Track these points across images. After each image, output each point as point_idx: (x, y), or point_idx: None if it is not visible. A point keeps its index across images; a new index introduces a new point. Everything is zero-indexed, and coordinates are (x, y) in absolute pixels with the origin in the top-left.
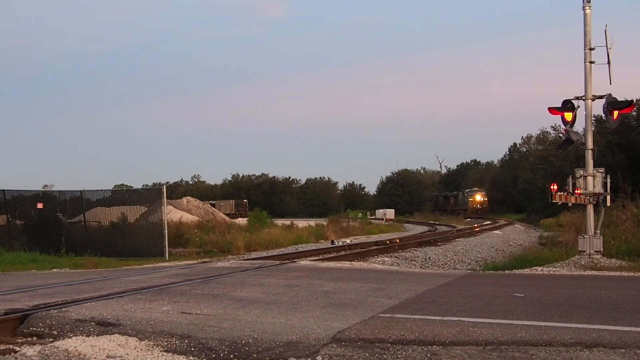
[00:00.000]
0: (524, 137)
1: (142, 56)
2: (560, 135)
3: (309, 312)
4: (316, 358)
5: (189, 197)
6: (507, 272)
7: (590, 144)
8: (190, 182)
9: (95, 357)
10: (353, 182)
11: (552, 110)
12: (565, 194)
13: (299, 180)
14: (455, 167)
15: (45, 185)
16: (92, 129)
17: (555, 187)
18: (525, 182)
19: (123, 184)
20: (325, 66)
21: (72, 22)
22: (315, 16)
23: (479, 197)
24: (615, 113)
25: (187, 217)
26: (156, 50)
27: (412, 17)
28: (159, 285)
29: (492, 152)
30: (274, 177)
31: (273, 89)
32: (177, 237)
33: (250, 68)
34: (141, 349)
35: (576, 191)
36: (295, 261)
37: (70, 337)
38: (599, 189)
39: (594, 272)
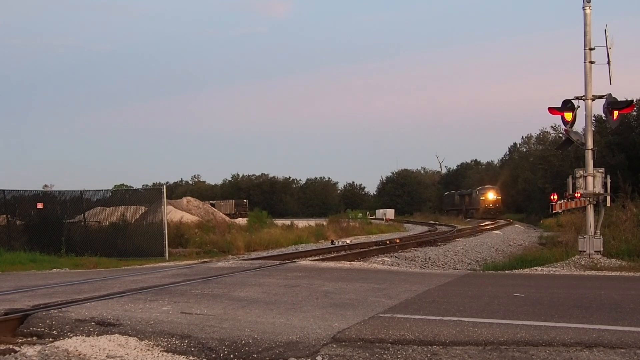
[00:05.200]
0: (524, 137)
1: (144, 56)
2: (560, 135)
3: (309, 312)
4: (316, 358)
5: (189, 197)
6: (507, 272)
7: (590, 144)
8: (190, 182)
9: (95, 357)
10: (353, 182)
11: (552, 110)
12: (566, 201)
13: (299, 180)
14: (455, 167)
15: (45, 185)
16: (93, 128)
17: (556, 197)
18: (525, 182)
19: (123, 184)
20: (327, 66)
21: (74, 22)
22: (317, 16)
23: (491, 196)
24: (615, 113)
25: (187, 217)
26: (158, 50)
27: (414, 17)
28: (159, 285)
29: (492, 152)
30: (274, 177)
31: (274, 88)
32: (177, 237)
33: (251, 67)
34: (141, 349)
35: (576, 194)
36: (295, 261)
37: (70, 337)
38: (599, 189)
39: (594, 272)
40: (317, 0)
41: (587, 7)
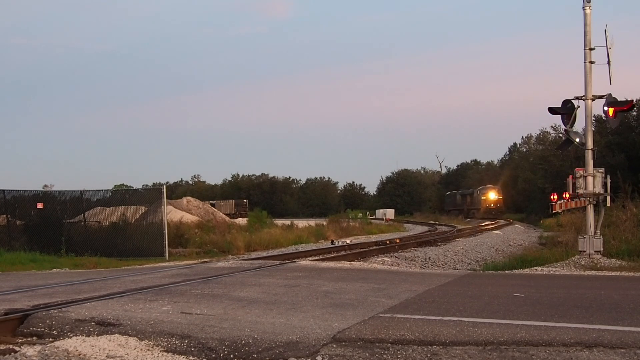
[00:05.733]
0: (524, 137)
1: (144, 56)
2: (560, 135)
3: (309, 312)
4: (316, 358)
5: (189, 197)
6: (507, 272)
7: (590, 144)
8: (190, 182)
9: (95, 357)
10: (353, 182)
11: (552, 110)
12: (566, 201)
13: (299, 180)
14: (455, 167)
15: (45, 185)
16: (93, 128)
17: (555, 197)
18: (525, 182)
19: (123, 184)
20: (327, 66)
21: (74, 22)
22: (318, 16)
23: (492, 196)
24: (611, 110)
25: (187, 217)
26: (158, 49)
27: (414, 17)
28: (159, 285)
29: (492, 152)
30: (274, 177)
31: (274, 88)
32: (177, 237)
33: (251, 67)
34: (141, 349)
35: (577, 191)
36: (295, 261)
37: (70, 337)
38: (599, 189)
39: (594, 272)
40: (317, 1)
41: (587, 7)
